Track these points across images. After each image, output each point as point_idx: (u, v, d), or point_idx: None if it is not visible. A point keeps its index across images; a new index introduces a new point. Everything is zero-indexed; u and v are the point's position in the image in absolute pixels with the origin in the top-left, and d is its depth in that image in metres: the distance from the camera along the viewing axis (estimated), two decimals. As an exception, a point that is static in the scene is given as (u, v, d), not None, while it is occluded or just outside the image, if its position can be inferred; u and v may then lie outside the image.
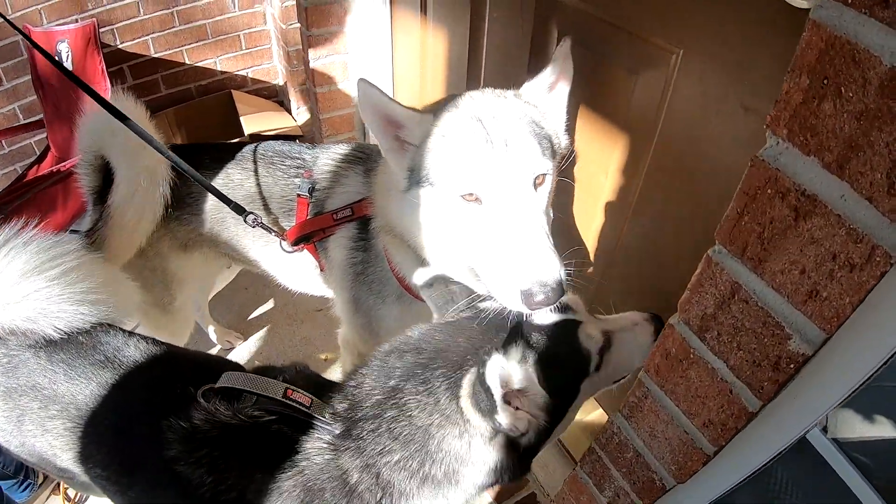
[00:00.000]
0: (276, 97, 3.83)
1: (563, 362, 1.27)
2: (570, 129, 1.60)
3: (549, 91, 1.52)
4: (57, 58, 3.03)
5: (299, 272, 2.03)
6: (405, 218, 1.56)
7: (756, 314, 1.02)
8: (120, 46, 3.38)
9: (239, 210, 1.75)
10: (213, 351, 2.77)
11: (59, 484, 2.30)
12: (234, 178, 1.90)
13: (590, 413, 2.34)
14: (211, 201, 1.92)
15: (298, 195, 1.82)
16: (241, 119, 3.32)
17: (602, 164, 1.78)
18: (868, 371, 0.98)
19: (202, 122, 3.53)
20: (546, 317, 1.30)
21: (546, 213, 1.41)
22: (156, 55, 3.47)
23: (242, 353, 2.78)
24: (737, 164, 1.33)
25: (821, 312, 0.93)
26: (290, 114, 3.58)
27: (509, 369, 1.08)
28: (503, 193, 1.34)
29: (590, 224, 1.96)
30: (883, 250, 0.81)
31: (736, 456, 1.27)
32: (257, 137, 3.25)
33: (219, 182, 1.87)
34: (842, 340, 0.95)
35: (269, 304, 2.99)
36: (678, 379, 1.24)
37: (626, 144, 1.70)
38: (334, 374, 2.60)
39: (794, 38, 1.13)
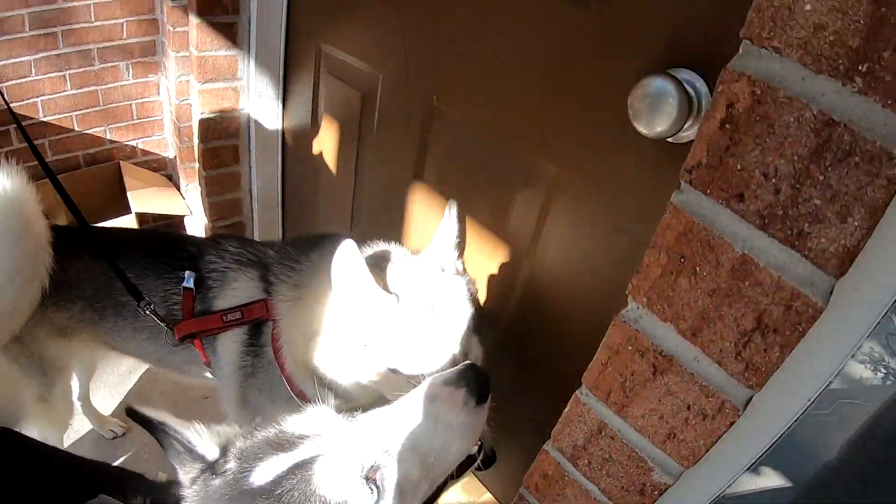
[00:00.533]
0: (165, 170, 3.68)
1: None
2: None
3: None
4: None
5: (184, 366, 1.96)
6: (331, 364, 1.56)
7: (621, 449, 1.08)
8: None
9: (136, 294, 1.68)
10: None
11: None
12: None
13: (482, 496, 2.36)
14: (90, 289, 1.84)
15: (184, 288, 1.79)
16: (129, 194, 3.17)
17: (481, 275, 1.83)
18: (723, 488, 1.06)
19: (89, 194, 3.33)
20: (269, 470, 0.94)
21: None
22: (44, 119, 3.30)
23: (126, 442, 2.63)
24: (611, 281, 1.42)
25: (678, 451, 0.99)
26: (179, 190, 3.46)
27: None
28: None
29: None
30: (731, 404, 0.89)
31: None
32: (144, 217, 3.14)
33: (99, 269, 1.79)
34: (701, 469, 1.01)
35: (154, 391, 2.81)
36: (556, 495, 1.28)
37: (505, 258, 1.75)
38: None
39: (661, 168, 1.24)
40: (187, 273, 1.78)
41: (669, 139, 1.16)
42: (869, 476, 1.20)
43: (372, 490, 0.92)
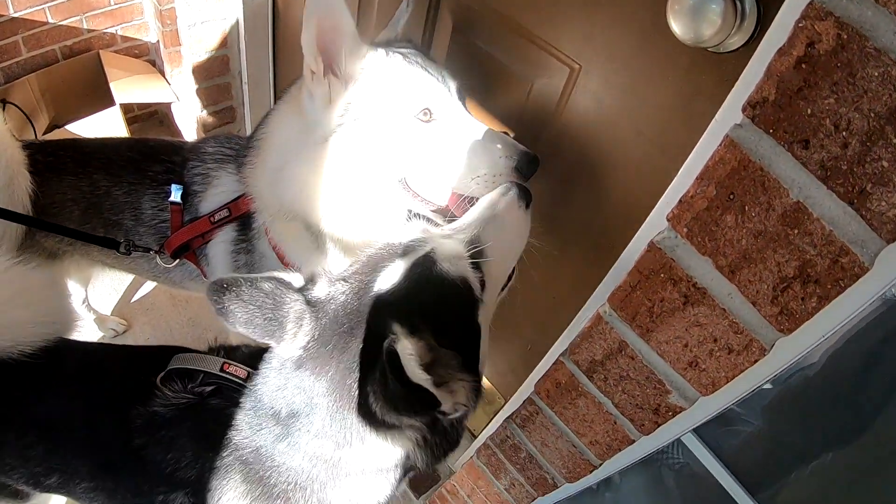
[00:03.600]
0: (147, 56, 3.34)
1: (448, 309, 1.01)
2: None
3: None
4: None
5: (183, 282, 1.87)
6: (316, 175, 1.41)
7: (641, 369, 1.04)
8: (-28, 7, 2.91)
9: (109, 243, 1.57)
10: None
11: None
12: (101, 185, 1.68)
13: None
14: (77, 210, 1.69)
15: (171, 203, 1.64)
16: (111, 85, 2.92)
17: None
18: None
19: (69, 89, 3.08)
20: (392, 274, 1.01)
21: None
22: (15, 14, 2.96)
23: (128, 339, 2.58)
24: (627, 186, 1.35)
25: (699, 379, 0.96)
26: (164, 76, 3.16)
27: (413, 349, 0.86)
28: (455, 109, 1.37)
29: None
30: (759, 344, 0.85)
31: (620, 460, 1.30)
32: (129, 108, 2.93)
33: (84, 189, 1.67)
34: (718, 397, 0.98)
35: (151, 286, 2.75)
36: (567, 404, 1.27)
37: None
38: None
39: (689, 75, 1.13)
40: (174, 187, 1.65)
41: (708, 48, 1.03)
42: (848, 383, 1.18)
43: (479, 270, 1.06)
